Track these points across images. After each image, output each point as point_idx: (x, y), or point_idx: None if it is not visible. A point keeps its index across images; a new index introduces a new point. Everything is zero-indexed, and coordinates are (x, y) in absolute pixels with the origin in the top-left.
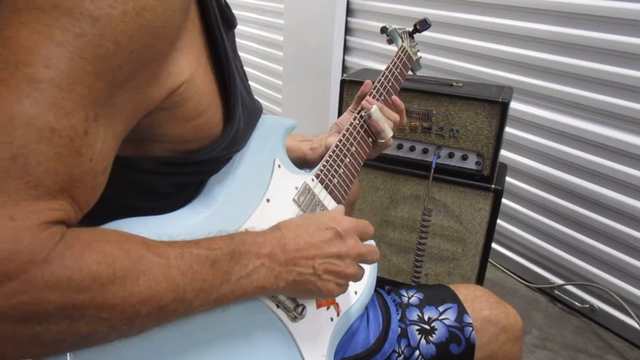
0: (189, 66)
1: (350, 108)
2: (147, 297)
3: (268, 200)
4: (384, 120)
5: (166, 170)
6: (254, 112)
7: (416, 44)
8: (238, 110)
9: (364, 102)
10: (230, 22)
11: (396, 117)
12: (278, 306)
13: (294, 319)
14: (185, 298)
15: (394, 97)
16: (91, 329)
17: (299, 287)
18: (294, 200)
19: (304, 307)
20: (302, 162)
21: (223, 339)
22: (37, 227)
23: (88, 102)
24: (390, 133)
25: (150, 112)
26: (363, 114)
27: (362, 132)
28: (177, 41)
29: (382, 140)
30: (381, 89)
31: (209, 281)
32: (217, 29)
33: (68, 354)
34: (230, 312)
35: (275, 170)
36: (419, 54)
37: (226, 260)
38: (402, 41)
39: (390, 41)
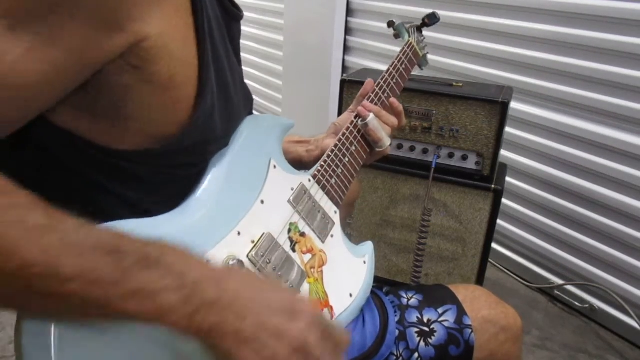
0: (160, 21)
1: (350, 108)
2: (8, 249)
3: (262, 202)
4: (381, 128)
5: (147, 161)
6: (238, 101)
7: (424, 38)
8: (209, 92)
9: (360, 108)
10: (230, 12)
11: (394, 121)
12: None
13: None
14: (60, 272)
15: (392, 99)
16: None
17: (208, 340)
18: (289, 201)
19: None
20: (298, 165)
21: None
22: None
23: None
24: (387, 141)
25: (119, 68)
26: (359, 122)
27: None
28: None
29: (380, 149)
30: (384, 86)
31: (97, 270)
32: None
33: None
34: None
35: (271, 171)
36: (426, 49)
37: (131, 259)
38: (409, 36)
39: (397, 36)
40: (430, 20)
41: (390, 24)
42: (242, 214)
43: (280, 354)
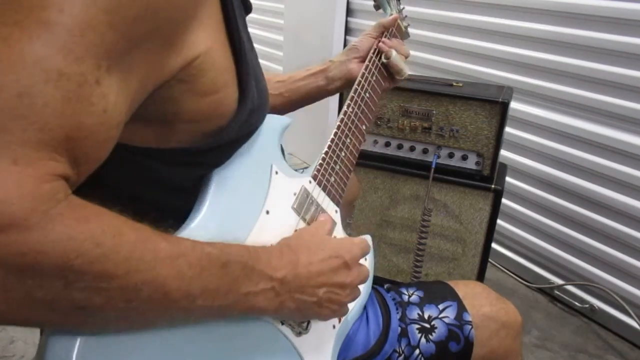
0: (206, 38)
1: (369, 32)
2: (150, 278)
3: (267, 212)
4: (401, 59)
5: (189, 161)
6: (266, 93)
7: (403, 8)
8: (251, 89)
9: (381, 45)
10: (247, 4)
11: (407, 51)
12: (283, 323)
13: (299, 334)
14: (190, 292)
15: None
16: (86, 296)
17: (298, 313)
18: (292, 208)
19: (308, 322)
20: (323, 94)
21: (227, 354)
22: (40, 176)
23: (100, 51)
24: (407, 68)
25: (169, 85)
26: (383, 58)
27: (360, 114)
28: (197, 10)
29: (400, 77)
30: (373, 69)
31: (215, 283)
32: (231, 4)
33: (78, 340)
34: (235, 327)
35: (273, 178)
36: (407, 20)
37: (238, 268)
38: (391, 9)
39: (377, 7)
40: None
41: None
42: (250, 227)
43: (345, 298)
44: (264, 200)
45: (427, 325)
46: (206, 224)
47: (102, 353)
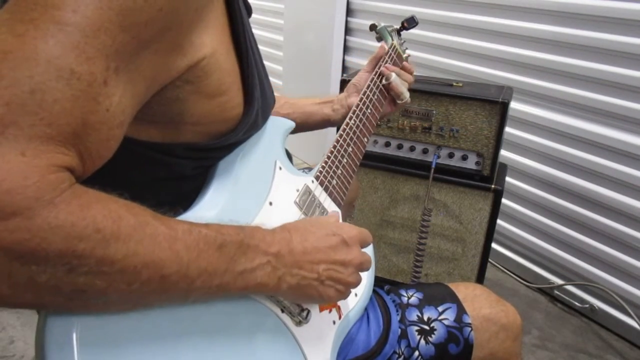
0: (211, 41)
1: (364, 69)
2: (149, 261)
3: (270, 204)
4: (402, 83)
5: (196, 156)
6: (270, 95)
7: (404, 41)
8: (256, 91)
9: (383, 69)
10: (248, 7)
11: (410, 78)
12: (283, 310)
13: (299, 323)
14: (188, 274)
15: (405, 62)
16: (88, 280)
17: (299, 291)
18: (295, 202)
19: (308, 312)
20: (326, 123)
21: (227, 342)
22: (46, 167)
23: (110, 52)
24: (408, 94)
25: (175, 86)
26: (384, 81)
27: (361, 126)
28: (203, 13)
29: (401, 101)
30: (374, 88)
31: (213, 263)
32: (237, 7)
33: (74, 332)
34: (235, 315)
35: (277, 173)
36: (407, 52)
37: (233, 248)
38: (392, 39)
39: (380, 39)
40: (409, 24)
41: (372, 27)
42: (253, 215)
43: (348, 277)
44: (268, 192)
45: (427, 327)
46: (210, 208)
47: (99, 333)
